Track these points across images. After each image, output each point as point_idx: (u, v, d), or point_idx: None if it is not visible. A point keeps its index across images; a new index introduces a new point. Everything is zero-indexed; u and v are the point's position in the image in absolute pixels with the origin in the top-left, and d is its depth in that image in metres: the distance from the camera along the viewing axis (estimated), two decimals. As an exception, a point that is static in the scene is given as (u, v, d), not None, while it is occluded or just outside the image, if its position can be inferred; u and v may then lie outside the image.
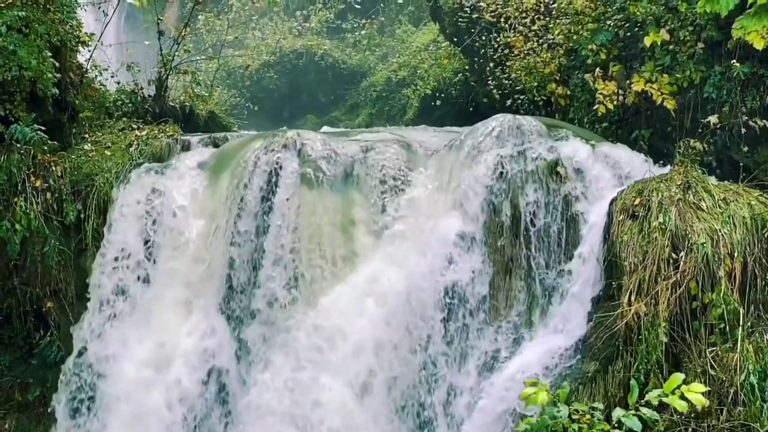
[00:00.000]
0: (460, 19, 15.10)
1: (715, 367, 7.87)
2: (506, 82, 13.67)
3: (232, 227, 10.28)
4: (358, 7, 24.25)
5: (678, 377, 5.44)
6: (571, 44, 12.31)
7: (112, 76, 13.92)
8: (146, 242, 10.48)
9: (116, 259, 10.45)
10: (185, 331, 10.16)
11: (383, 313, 9.57)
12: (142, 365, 10.03)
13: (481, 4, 14.66)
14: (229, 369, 10.04)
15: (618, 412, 5.63)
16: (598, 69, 11.25)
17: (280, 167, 10.32)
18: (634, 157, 10.11)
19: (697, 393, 5.37)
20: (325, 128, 18.50)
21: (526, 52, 13.12)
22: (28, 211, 10.26)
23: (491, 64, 14.17)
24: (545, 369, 8.85)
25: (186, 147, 11.49)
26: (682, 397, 5.39)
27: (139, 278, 10.42)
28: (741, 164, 9.72)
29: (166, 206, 10.59)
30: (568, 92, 12.26)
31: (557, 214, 9.56)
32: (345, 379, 9.43)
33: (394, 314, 9.55)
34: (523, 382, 8.51)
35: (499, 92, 13.84)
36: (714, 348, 7.97)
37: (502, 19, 14.02)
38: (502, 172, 9.80)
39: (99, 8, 14.20)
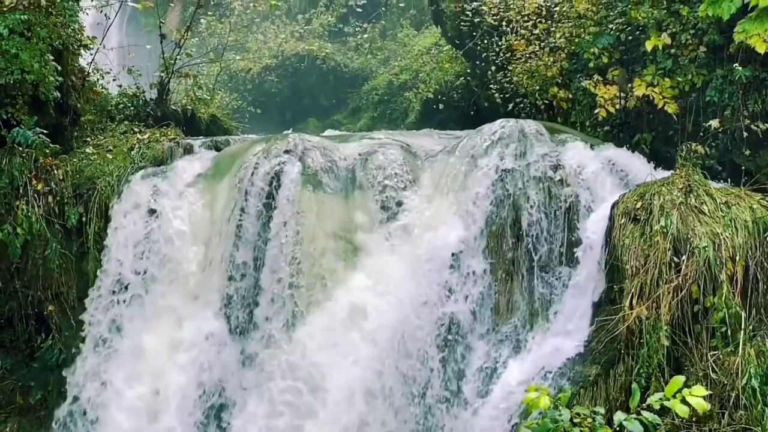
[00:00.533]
0: (462, 23, 15.09)
1: (717, 370, 7.85)
2: (508, 85, 13.65)
3: (228, 259, 9.94)
4: (360, 10, 24.22)
5: (679, 380, 5.42)
6: (573, 48, 12.29)
7: (114, 80, 13.93)
8: (144, 272, 10.25)
9: (113, 292, 10.23)
10: (181, 371, 9.72)
11: (372, 349, 9.05)
12: (134, 412, 9.69)
13: (483, 7, 14.65)
14: (236, 401, 9.58)
15: (619, 416, 5.61)
16: (596, 75, 11.25)
17: (279, 185, 10.04)
18: (639, 163, 10.05)
19: (698, 397, 5.35)
20: (328, 132, 18.49)
21: (528, 55, 13.12)
22: (29, 214, 10.27)
23: (493, 68, 14.16)
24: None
25: (188, 150, 11.49)
26: (684, 401, 5.37)
27: (134, 314, 10.11)
28: (743, 168, 9.70)
29: (164, 231, 10.30)
30: (570, 96, 12.24)
31: (560, 224, 9.46)
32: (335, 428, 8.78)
33: (387, 353, 9.04)
34: (507, 413, 8.54)
35: (501, 96, 13.82)
36: (715, 352, 7.95)
37: (504, 23, 14.02)
38: (502, 193, 9.56)
39: (101, 12, 14.21)
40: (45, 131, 10.58)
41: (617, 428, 5.66)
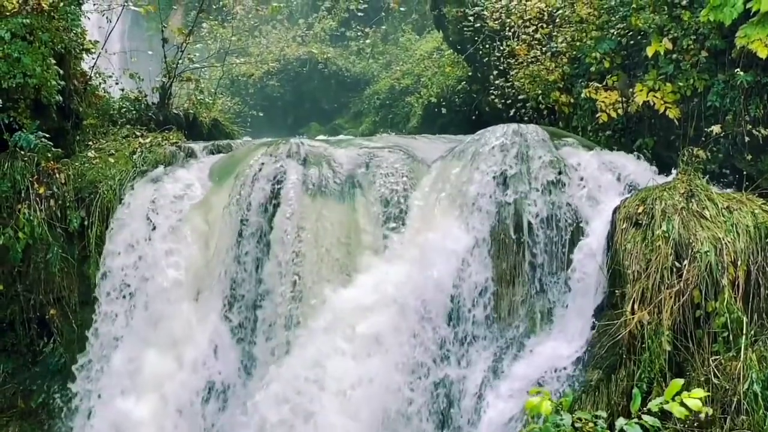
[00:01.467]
0: (463, 28, 15.09)
1: (719, 375, 7.84)
2: (509, 90, 13.65)
3: (223, 319, 9.58)
4: (362, 15, 24.26)
5: (678, 383, 5.41)
6: (574, 52, 12.30)
7: (116, 84, 13.96)
8: (134, 330, 9.91)
9: (102, 357, 9.92)
10: None
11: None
12: None
13: (485, 12, 14.66)
14: None
15: (621, 421, 5.61)
16: (594, 83, 11.25)
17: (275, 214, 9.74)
18: (639, 165, 10.04)
19: (696, 399, 5.34)
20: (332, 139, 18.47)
21: (529, 60, 13.11)
22: (31, 218, 10.27)
23: (495, 73, 14.16)
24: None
25: (190, 154, 11.49)
26: (683, 404, 5.37)
27: (123, 391, 9.72)
28: (744, 173, 9.70)
29: (158, 284, 9.87)
30: (572, 100, 12.24)
31: (562, 230, 9.39)
32: None
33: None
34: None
35: (503, 101, 13.82)
36: (717, 357, 7.94)
37: (506, 28, 14.03)
38: (502, 234, 9.31)
39: (103, 15, 14.24)
40: (47, 135, 10.59)
41: (618, 433, 5.66)
